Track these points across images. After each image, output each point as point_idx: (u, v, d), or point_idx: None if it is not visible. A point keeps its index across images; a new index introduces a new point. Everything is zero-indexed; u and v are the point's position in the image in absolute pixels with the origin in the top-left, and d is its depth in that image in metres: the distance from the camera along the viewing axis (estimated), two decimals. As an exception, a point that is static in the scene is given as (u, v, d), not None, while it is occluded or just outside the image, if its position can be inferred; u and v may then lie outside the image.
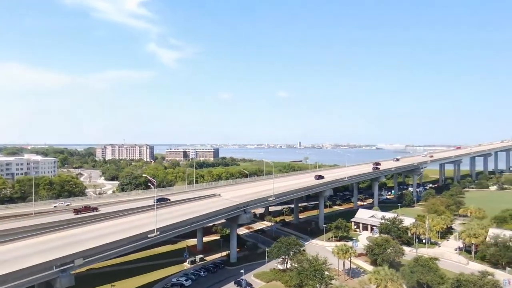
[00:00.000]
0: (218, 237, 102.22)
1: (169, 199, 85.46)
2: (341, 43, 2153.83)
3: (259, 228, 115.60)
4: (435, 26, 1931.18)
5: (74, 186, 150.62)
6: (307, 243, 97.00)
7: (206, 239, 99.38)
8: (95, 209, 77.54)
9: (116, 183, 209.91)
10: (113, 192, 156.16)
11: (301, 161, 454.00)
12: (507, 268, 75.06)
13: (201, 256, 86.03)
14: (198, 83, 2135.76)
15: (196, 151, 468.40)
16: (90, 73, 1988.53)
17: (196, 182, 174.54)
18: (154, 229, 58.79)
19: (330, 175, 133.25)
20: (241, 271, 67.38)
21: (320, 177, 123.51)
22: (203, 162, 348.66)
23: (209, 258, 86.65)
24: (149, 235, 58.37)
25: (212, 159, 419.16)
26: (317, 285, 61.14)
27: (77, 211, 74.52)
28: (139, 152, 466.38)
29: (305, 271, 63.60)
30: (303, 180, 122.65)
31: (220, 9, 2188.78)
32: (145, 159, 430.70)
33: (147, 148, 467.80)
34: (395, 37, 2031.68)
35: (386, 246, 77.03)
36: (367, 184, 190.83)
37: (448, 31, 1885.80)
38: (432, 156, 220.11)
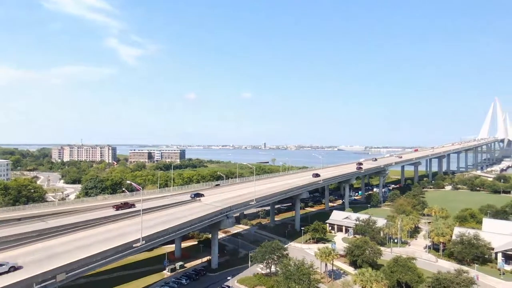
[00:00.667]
0: (196, 243, 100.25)
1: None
2: (304, 44, 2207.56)
3: (236, 231, 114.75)
4: (375, 33, 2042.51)
5: (32, 190, 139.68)
6: (286, 246, 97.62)
7: (183, 244, 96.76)
8: (133, 205, 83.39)
9: (78, 186, 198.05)
10: (78, 197, 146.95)
11: (267, 162, 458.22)
12: (476, 265, 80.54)
13: (181, 263, 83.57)
14: (161, 82, 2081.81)
15: (161, 153, 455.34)
16: (43, 68, 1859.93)
17: (166, 185, 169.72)
18: (139, 238, 56.14)
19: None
20: (228, 278, 66.46)
21: (317, 175, 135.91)
22: (170, 164, 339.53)
23: (189, 265, 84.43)
24: (134, 245, 55.64)
25: (178, 160, 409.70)
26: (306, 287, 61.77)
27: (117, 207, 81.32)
28: (101, 153, 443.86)
29: (292, 275, 64.03)
30: (282, 183, 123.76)
31: (184, 7, 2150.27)
32: (107, 161, 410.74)
33: (109, 149, 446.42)
34: (356, 43, 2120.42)
35: (365, 247, 79.87)
36: (335, 186, 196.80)
37: (391, 35, 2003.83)
38: (401, 157, 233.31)
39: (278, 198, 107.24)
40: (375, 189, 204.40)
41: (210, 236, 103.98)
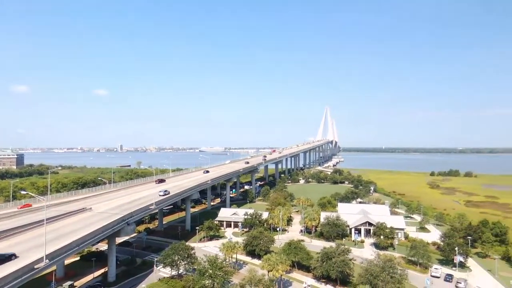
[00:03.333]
0: (78, 258, 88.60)
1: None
2: (158, 42, 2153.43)
3: (123, 240, 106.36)
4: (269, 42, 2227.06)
5: None
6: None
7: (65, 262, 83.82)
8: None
9: None
10: None
11: (129, 165, 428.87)
12: (434, 266, 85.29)
13: (70, 283, 72.82)
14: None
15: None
16: None
17: (14, 198, 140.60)
18: (43, 257, 47.81)
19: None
20: (143, 286, 63.30)
21: (207, 171, 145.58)
22: (6, 172, 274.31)
23: (79, 283, 74.59)
24: (36, 266, 47.04)
25: (15, 167, 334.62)
26: (221, 282, 65.49)
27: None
28: None
29: (207, 271, 66.60)
30: (172, 185, 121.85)
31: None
32: None
33: None
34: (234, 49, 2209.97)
35: (262, 237, 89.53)
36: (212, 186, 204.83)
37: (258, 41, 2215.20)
38: (266, 156, 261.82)
39: (175, 200, 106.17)
40: (245, 187, 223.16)
41: (94, 249, 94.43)
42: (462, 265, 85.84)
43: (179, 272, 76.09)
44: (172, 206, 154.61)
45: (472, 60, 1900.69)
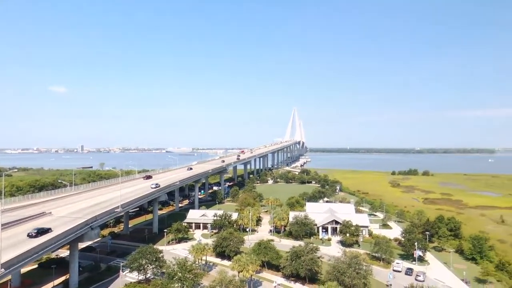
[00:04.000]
0: (36, 266, 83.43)
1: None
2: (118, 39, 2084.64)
3: (86, 245, 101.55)
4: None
5: None
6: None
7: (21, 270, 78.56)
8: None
9: None
10: None
11: (91, 167, 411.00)
12: (396, 261, 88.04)
13: (27, 292, 68.55)
14: None
15: None
16: None
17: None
18: (-3, 267, 44.57)
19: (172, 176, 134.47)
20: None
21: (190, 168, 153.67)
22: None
23: (38, 293, 70.32)
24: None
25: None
26: (191, 285, 64.61)
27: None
28: None
29: (176, 275, 65.41)
30: (139, 187, 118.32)
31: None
32: None
33: None
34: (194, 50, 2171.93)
35: (231, 238, 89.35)
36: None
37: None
38: (239, 156, 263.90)
39: (142, 202, 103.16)
40: (214, 187, 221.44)
41: (54, 256, 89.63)
42: (421, 259, 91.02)
43: (147, 277, 74.06)
44: (138, 209, 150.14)
45: (427, 66, 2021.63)
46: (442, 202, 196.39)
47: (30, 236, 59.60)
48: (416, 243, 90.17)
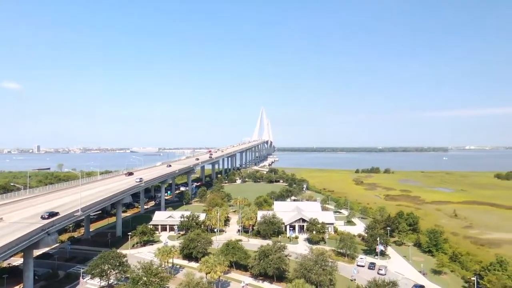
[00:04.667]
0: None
1: None
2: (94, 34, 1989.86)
3: (42, 252, 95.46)
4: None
5: None
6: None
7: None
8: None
9: None
10: None
11: (48, 168, 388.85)
12: (359, 256, 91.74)
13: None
14: None
15: None
16: None
17: None
18: None
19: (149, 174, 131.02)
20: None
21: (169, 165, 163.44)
22: None
23: (-14, 306, 65.13)
24: None
25: None
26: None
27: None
28: None
29: (141, 279, 63.36)
30: (102, 188, 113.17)
31: None
32: None
33: None
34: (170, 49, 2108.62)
35: (199, 239, 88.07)
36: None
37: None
38: (212, 155, 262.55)
39: (105, 204, 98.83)
40: (181, 188, 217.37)
41: (6, 264, 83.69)
42: (383, 254, 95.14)
43: (110, 283, 71.22)
44: (100, 212, 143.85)
45: (390, 70, 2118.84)
46: (401, 199, 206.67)
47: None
48: (378, 239, 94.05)
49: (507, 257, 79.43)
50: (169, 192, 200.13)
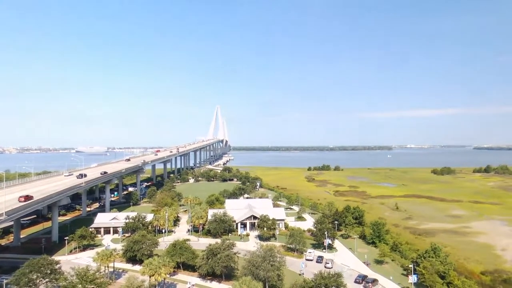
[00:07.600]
0: None
1: None
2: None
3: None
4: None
5: None
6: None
7: None
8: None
9: None
10: None
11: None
12: (308, 251, 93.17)
13: None
14: None
15: None
16: None
17: None
18: None
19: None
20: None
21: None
22: None
23: None
24: None
25: None
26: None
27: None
28: None
29: (76, 286, 57.99)
30: (34, 190, 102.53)
31: None
32: None
33: None
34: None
35: (144, 240, 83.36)
36: (88, 189, 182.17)
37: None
38: (157, 154, 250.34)
39: (37, 207, 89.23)
40: (130, 188, 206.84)
41: None
42: (330, 247, 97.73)
43: (40, 293, 64.23)
44: (35, 216, 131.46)
45: (338, 71, 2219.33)
46: (349, 194, 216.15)
47: None
48: (326, 233, 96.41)
49: (440, 245, 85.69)
50: (115, 193, 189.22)
